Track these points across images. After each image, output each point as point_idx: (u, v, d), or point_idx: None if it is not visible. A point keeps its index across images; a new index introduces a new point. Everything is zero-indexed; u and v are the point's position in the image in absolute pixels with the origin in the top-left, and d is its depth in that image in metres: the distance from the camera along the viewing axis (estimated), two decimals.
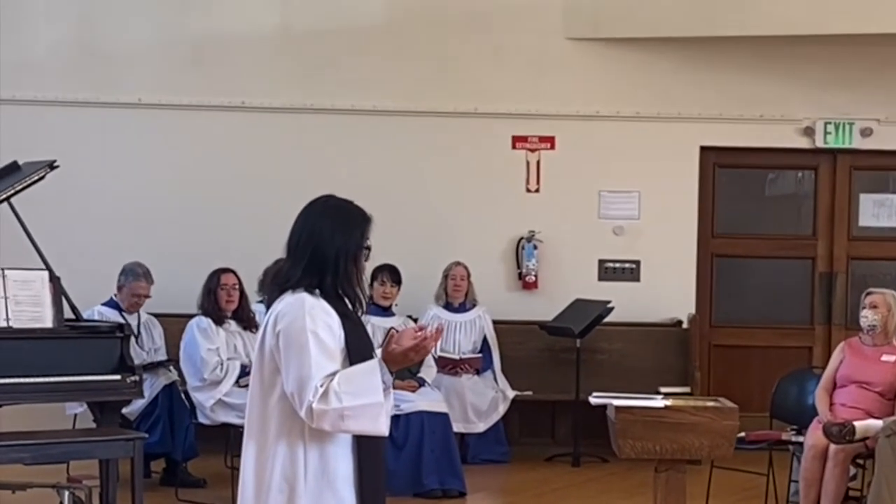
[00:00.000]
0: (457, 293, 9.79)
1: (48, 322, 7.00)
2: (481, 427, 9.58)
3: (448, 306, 9.78)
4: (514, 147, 10.49)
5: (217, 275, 8.61)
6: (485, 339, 9.81)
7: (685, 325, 10.25)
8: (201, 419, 8.35)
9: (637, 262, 10.52)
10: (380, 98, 10.31)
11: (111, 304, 8.79)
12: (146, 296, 8.83)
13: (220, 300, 8.53)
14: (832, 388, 7.68)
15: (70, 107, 10.15)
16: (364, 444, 3.81)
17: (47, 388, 6.84)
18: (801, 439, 7.58)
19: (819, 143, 10.55)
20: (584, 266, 10.47)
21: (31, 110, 10.10)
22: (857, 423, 7.16)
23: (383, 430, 3.76)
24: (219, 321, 8.50)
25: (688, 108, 10.45)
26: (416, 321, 9.17)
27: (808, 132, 10.55)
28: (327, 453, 3.78)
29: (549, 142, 10.50)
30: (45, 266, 7.14)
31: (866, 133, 10.54)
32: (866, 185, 10.81)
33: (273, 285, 3.93)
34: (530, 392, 9.89)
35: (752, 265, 10.87)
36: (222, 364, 8.36)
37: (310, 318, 3.75)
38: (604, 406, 6.12)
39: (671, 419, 5.84)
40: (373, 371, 3.73)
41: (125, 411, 7.96)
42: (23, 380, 6.75)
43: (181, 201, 10.18)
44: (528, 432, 10.23)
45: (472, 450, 9.52)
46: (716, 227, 10.77)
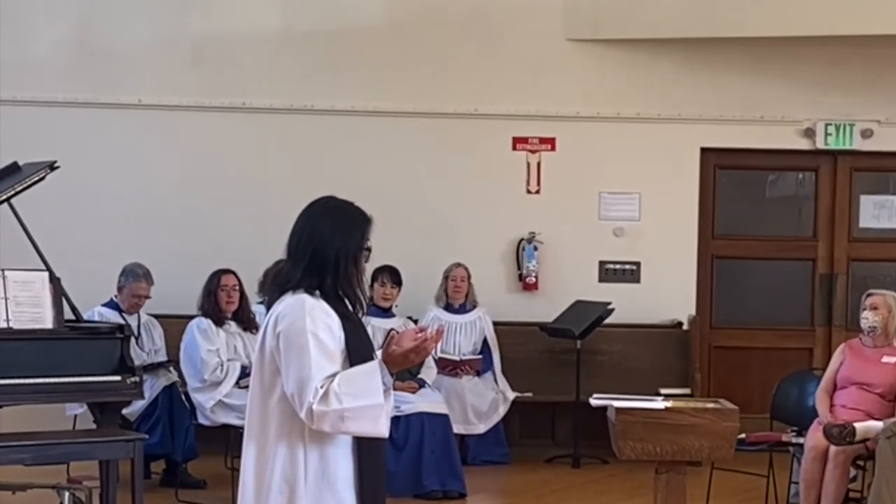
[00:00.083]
0: (457, 294, 9.78)
1: (48, 323, 7.00)
2: (481, 428, 9.57)
3: (448, 307, 9.77)
4: (514, 148, 10.49)
5: (217, 276, 8.61)
6: (485, 341, 9.81)
7: (685, 327, 10.24)
8: (201, 420, 8.35)
9: (637, 264, 10.52)
10: (380, 99, 10.31)
11: (111, 304, 8.79)
12: (146, 296, 8.82)
13: (221, 301, 8.53)
14: (832, 389, 7.67)
15: (70, 107, 10.15)
16: (364, 446, 3.81)
17: (47, 389, 6.84)
18: (801, 441, 7.57)
19: (819, 145, 10.55)
20: (585, 267, 10.46)
21: (32, 111, 10.09)
22: (857, 425, 7.15)
23: (383, 431, 3.75)
24: (219, 322, 8.50)
25: (688, 109, 10.45)
26: (416, 322, 9.17)
27: (809, 133, 10.55)
28: (327, 454, 3.78)
29: (550, 143, 10.49)
30: (45, 267, 7.13)
31: (867, 134, 10.53)
32: (867, 187, 10.81)
33: (273, 286, 3.92)
34: (530, 393, 9.89)
35: (753, 266, 10.87)
36: (222, 365, 8.36)
37: (310, 319, 3.75)
38: (604, 407, 6.12)
39: (671, 421, 5.84)
40: (373, 372, 3.72)
41: (125, 412, 7.96)
42: (23, 381, 6.74)
43: (181, 202, 10.17)
44: (528, 434, 10.22)
45: (472, 451, 9.52)
46: (716, 228, 10.76)
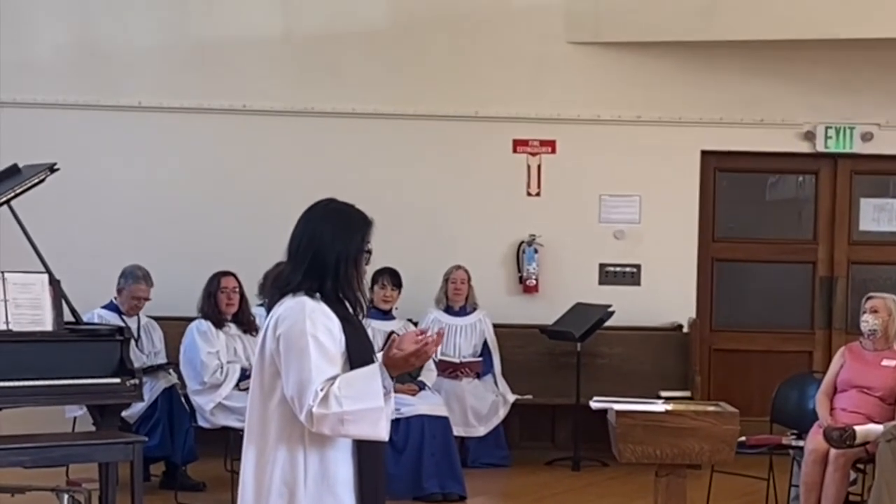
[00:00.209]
0: (457, 297, 9.78)
1: (48, 325, 6.99)
2: (481, 431, 9.57)
3: (448, 310, 9.77)
4: (515, 151, 10.48)
5: (217, 278, 8.61)
6: (485, 343, 9.80)
7: (686, 330, 10.23)
8: (201, 422, 8.34)
9: (638, 266, 10.51)
10: (381, 102, 10.31)
11: (111, 307, 8.78)
12: (146, 298, 8.82)
13: (221, 303, 8.53)
14: (833, 392, 7.66)
15: (71, 109, 10.15)
16: (364, 449, 3.80)
17: (47, 391, 6.84)
18: (801, 444, 7.57)
19: (820, 148, 10.54)
20: (585, 270, 10.46)
21: (32, 113, 10.10)
22: (857, 428, 7.15)
23: (383, 434, 3.75)
24: (219, 324, 8.49)
25: (689, 112, 10.44)
26: (416, 325, 9.17)
27: (809, 136, 10.54)
28: (327, 457, 3.77)
29: (550, 145, 10.49)
30: (44, 269, 7.13)
31: (867, 137, 10.53)
32: (867, 190, 10.80)
33: (273, 289, 3.92)
34: (531, 396, 9.89)
35: (753, 269, 10.86)
36: (222, 367, 8.36)
37: (310, 321, 3.75)
38: (604, 410, 6.12)
39: (672, 423, 5.84)
40: (373, 375, 3.72)
41: (125, 414, 7.96)
42: (22, 383, 6.74)
43: (181, 204, 10.17)
44: (528, 436, 10.22)
45: (472, 454, 9.51)
46: (716, 231, 10.76)
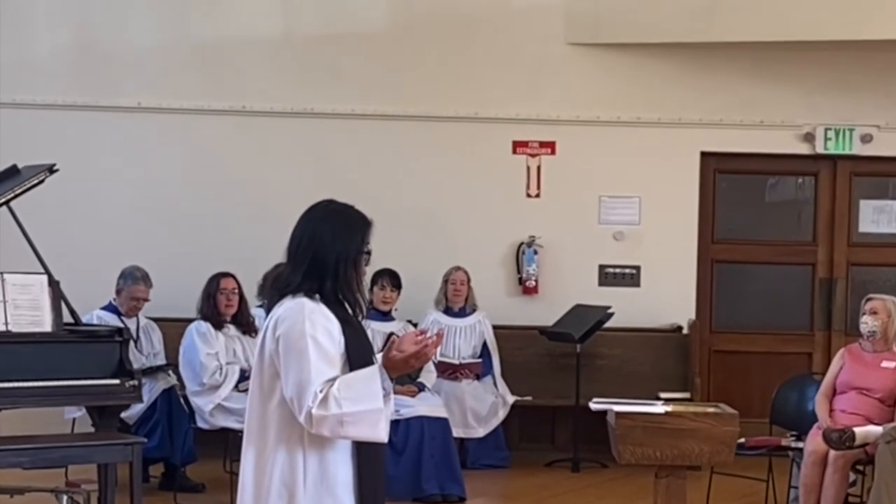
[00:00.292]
0: (457, 298, 9.77)
1: (47, 326, 6.99)
2: (481, 432, 9.56)
3: (448, 311, 9.77)
4: (514, 152, 10.48)
5: (216, 279, 8.60)
6: (485, 344, 9.80)
7: (685, 331, 10.23)
8: (200, 424, 8.34)
9: (637, 268, 10.51)
10: (381, 103, 10.31)
11: (110, 308, 8.77)
12: (145, 299, 8.81)
13: (220, 304, 8.52)
14: (832, 394, 7.66)
15: (70, 110, 10.15)
16: (364, 450, 3.80)
17: (46, 393, 6.83)
18: (800, 445, 7.57)
19: (819, 149, 10.54)
20: (585, 271, 10.46)
21: (31, 114, 10.09)
22: (856, 430, 7.15)
23: (382, 436, 3.74)
24: (218, 325, 8.49)
25: (688, 113, 10.44)
26: (415, 326, 9.16)
27: (809, 138, 10.54)
28: (327, 459, 3.77)
29: (550, 147, 10.48)
30: (44, 270, 7.12)
31: (866, 139, 10.52)
32: (866, 192, 10.80)
33: (273, 290, 3.92)
34: (530, 397, 9.88)
35: (753, 271, 10.86)
36: (221, 368, 8.36)
37: (309, 322, 3.74)
38: (604, 412, 6.12)
39: (671, 425, 5.84)
40: (373, 377, 3.71)
41: (124, 416, 7.96)
42: (21, 384, 6.74)
43: (181, 205, 10.17)
44: (527, 437, 10.21)
45: (471, 455, 9.51)
46: (716, 232, 10.76)
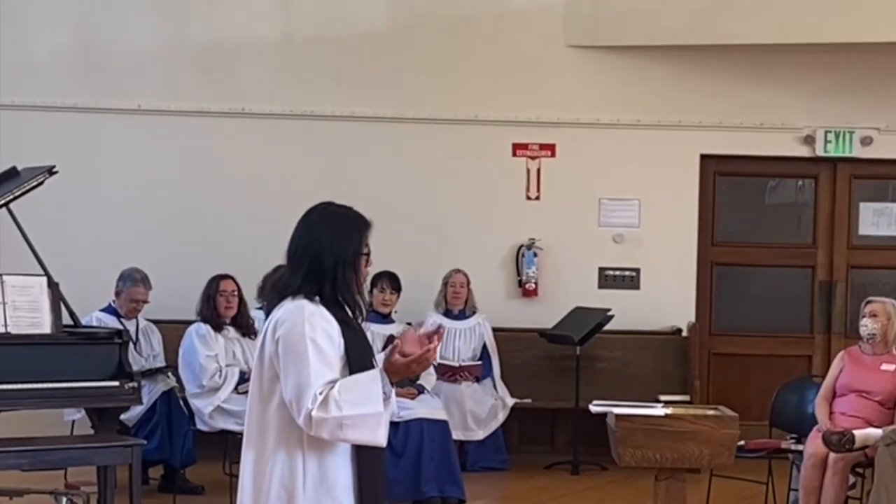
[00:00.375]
0: (456, 300, 9.77)
1: (46, 328, 6.98)
2: (480, 434, 9.56)
3: (448, 313, 9.76)
4: (514, 154, 10.48)
5: (216, 281, 8.60)
6: (484, 347, 9.80)
7: (685, 334, 10.23)
8: (200, 426, 8.33)
9: (637, 270, 10.51)
10: (380, 105, 10.31)
11: (109, 310, 8.77)
12: (144, 301, 8.81)
13: (219, 306, 8.52)
14: (832, 396, 7.66)
15: (70, 112, 10.15)
16: (363, 453, 3.79)
17: (45, 394, 6.82)
18: (800, 448, 7.56)
19: (819, 152, 10.54)
20: (584, 274, 10.45)
21: (31, 115, 10.09)
22: (856, 432, 7.14)
23: (382, 440, 3.73)
24: (217, 328, 8.48)
25: (688, 116, 10.44)
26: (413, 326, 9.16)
27: (809, 141, 10.54)
28: (326, 461, 3.76)
29: (550, 149, 10.48)
30: (43, 272, 7.12)
31: (866, 142, 10.52)
32: (866, 194, 10.80)
33: (272, 292, 3.91)
34: (530, 400, 9.88)
35: (752, 273, 10.86)
36: (221, 370, 8.35)
37: (309, 325, 3.74)
38: (604, 414, 6.11)
39: (671, 427, 5.84)
40: (373, 380, 3.70)
41: (123, 417, 7.95)
42: (20, 386, 6.73)
43: (180, 207, 10.16)
44: (527, 440, 10.21)
45: (471, 457, 9.50)
46: (716, 235, 10.75)
